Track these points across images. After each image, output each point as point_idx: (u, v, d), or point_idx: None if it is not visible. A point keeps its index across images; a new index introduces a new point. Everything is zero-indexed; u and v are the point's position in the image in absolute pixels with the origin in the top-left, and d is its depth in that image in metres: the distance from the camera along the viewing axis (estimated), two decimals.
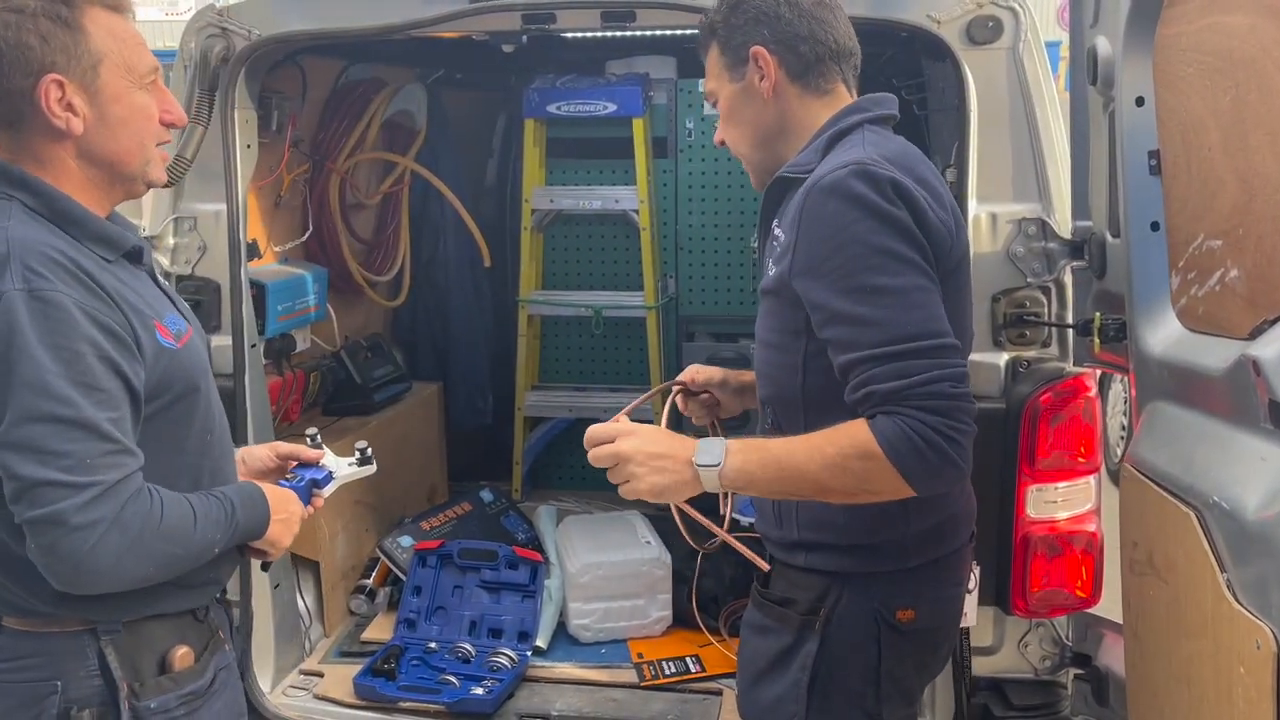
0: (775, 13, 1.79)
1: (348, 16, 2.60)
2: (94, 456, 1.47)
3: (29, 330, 1.45)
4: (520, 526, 3.65)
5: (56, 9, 1.55)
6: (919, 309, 1.59)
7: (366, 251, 3.84)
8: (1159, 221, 1.94)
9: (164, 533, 1.55)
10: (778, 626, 1.83)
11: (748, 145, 1.88)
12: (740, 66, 1.82)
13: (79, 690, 1.62)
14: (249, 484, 1.77)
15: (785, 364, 1.77)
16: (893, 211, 1.60)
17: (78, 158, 1.61)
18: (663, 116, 3.96)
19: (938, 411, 1.55)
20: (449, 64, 3.96)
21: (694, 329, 4.15)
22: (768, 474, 1.64)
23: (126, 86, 1.61)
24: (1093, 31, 2.07)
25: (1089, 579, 2.38)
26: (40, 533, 1.46)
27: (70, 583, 1.51)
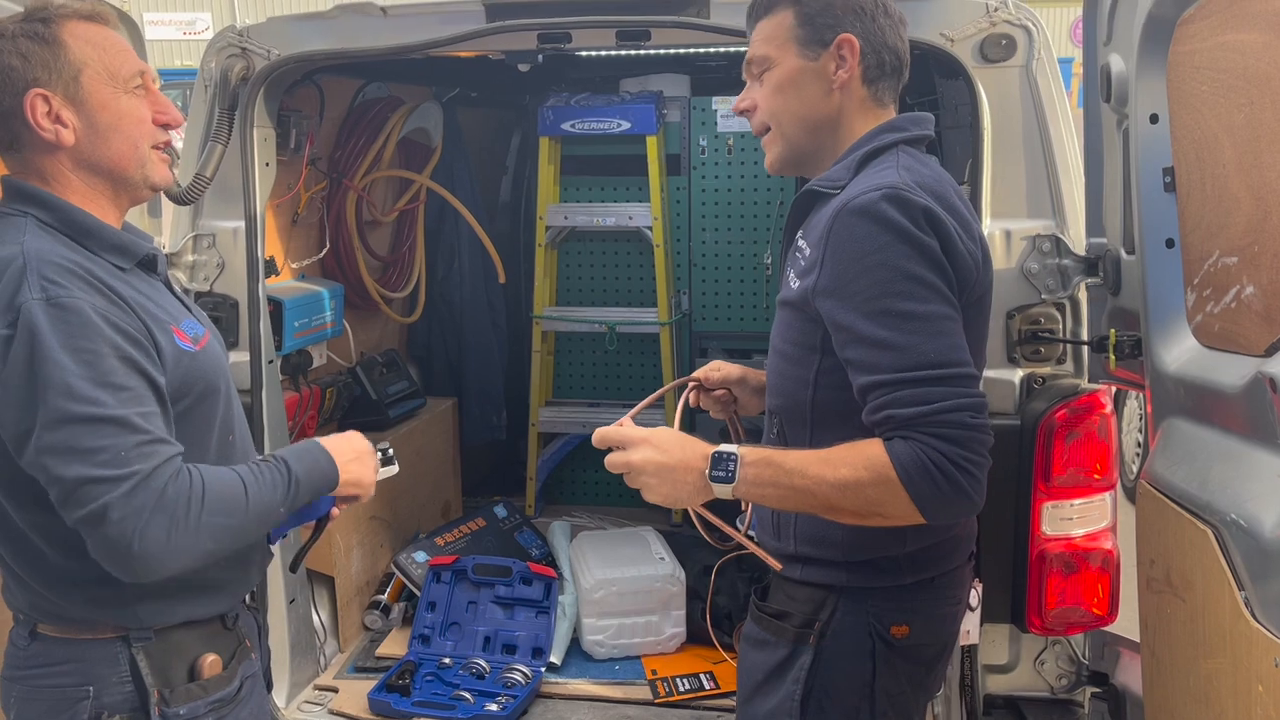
0: (871, 13, 1.76)
1: (365, 36, 2.63)
2: (127, 449, 1.49)
3: (50, 337, 1.48)
4: (534, 542, 3.66)
5: (34, 27, 1.60)
6: (943, 337, 1.58)
7: (382, 268, 3.86)
8: (1174, 238, 1.94)
9: (212, 507, 1.55)
10: (774, 639, 1.83)
11: (793, 124, 1.81)
12: (818, 47, 1.76)
13: (110, 696, 1.66)
14: (302, 441, 1.77)
15: (797, 377, 1.77)
16: (923, 238, 1.60)
17: (76, 169, 1.64)
18: (676, 134, 3.99)
19: (955, 441, 1.54)
20: (465, 82, 3.99)
21: (707, 345, 4.16)
22: (780, 490, 1.63)
23: (111, 93, 1.63)
24: (1106, 49, 2.08)
25: (1105, 596, 2.37)
26: (91, 531, 1.48)
27: (131, 572, 1.52)
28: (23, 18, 1.61)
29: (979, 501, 1.58)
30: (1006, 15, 2.36)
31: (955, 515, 1.62)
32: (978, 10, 2.37)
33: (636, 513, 4.08)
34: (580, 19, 2.54)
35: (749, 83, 1.86)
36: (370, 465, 1.83)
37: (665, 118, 3.91)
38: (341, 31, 2.64)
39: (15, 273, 1.51)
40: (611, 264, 4.15)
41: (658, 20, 2.50)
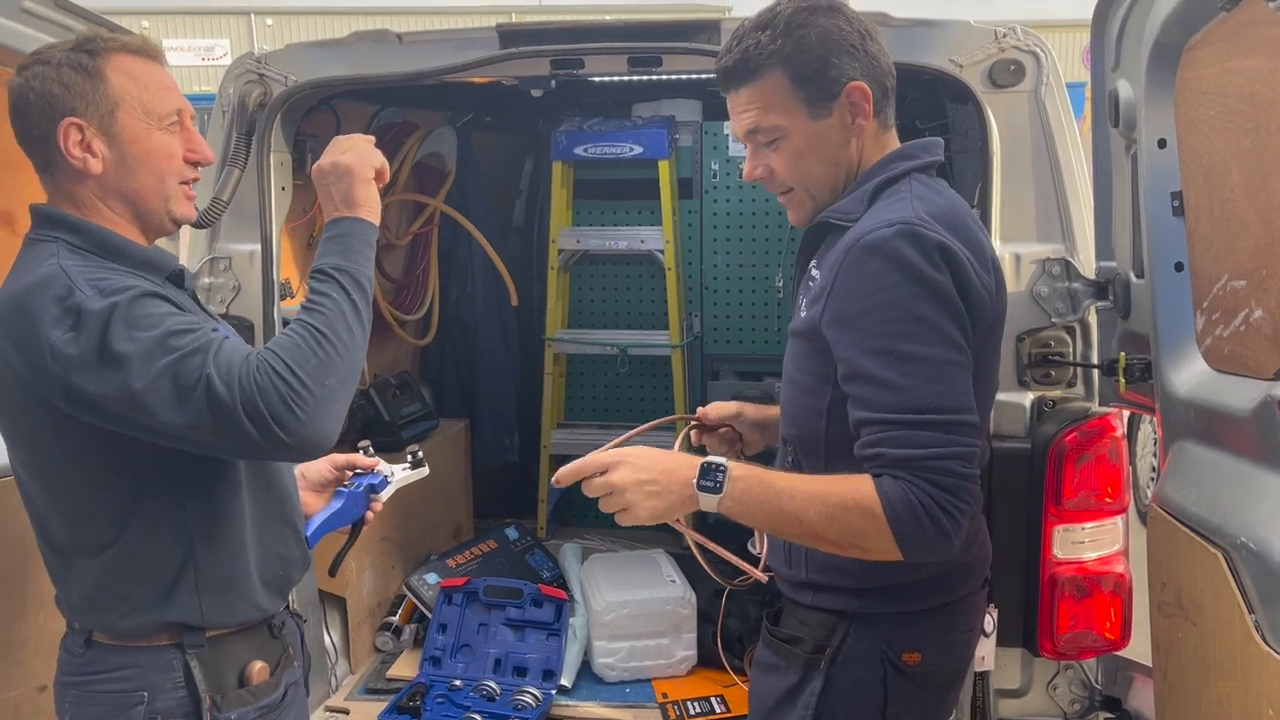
0: (862, 46, 1.70)
1: (382, 63, 2.67)
2: (205, 332, 1.54)
3: (113, 322, 1.51)
4: (545, 564, 3.66)
5: (79, 58, 1.65)
6: (943, 382, 1.58)
7: (396, 290, 3.89)
8: (1183, 262, 1.95)
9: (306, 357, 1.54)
10: (785, 664, 1.83)
11: (820, 185, 1.76)
12: (827, 102, 1.69)
13: (164, 702, 1.71)
14: (322, 233, 1.75)
15: (811, 406, 1.76)
16: (935, 278, 1.58)
17: (104, 196, 1.69)
18: (688, 158, 4.02)
19: (943, 487, 1.55)
20: (478, 107, 4.04)
21: (719, 368, 4.17)
22: (766, 510, 1.62)
23: (144, 128, 1.68)
24: (1114, 75, 2.10)
25: (1118, 620, 2.36)
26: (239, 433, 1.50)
27: (299, 446, 1.54)
28: (71, 46, 1.67)
29: (955, 550, 1.59)
30: (1015, 41, 2.38)
31: (933, 557, 1.61)
32: (986, 36, 2.40)
33: (647, 535, 4.07)
34: (593, 45, 2.58)
35: (753, 149, 1.78)
36: (358, 159, 1.77)
37: (677, 142, 3.94)
38: (358, 58, 2.68)
39: (62, 284, 1.55)
40: (624, 287, 4.18)
41: (669, 47, 2.54)
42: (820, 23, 1.68)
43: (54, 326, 1.53)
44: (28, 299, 1.56)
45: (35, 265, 1.61)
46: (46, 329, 1.53)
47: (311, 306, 1.63)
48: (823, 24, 1.68)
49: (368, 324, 1.66)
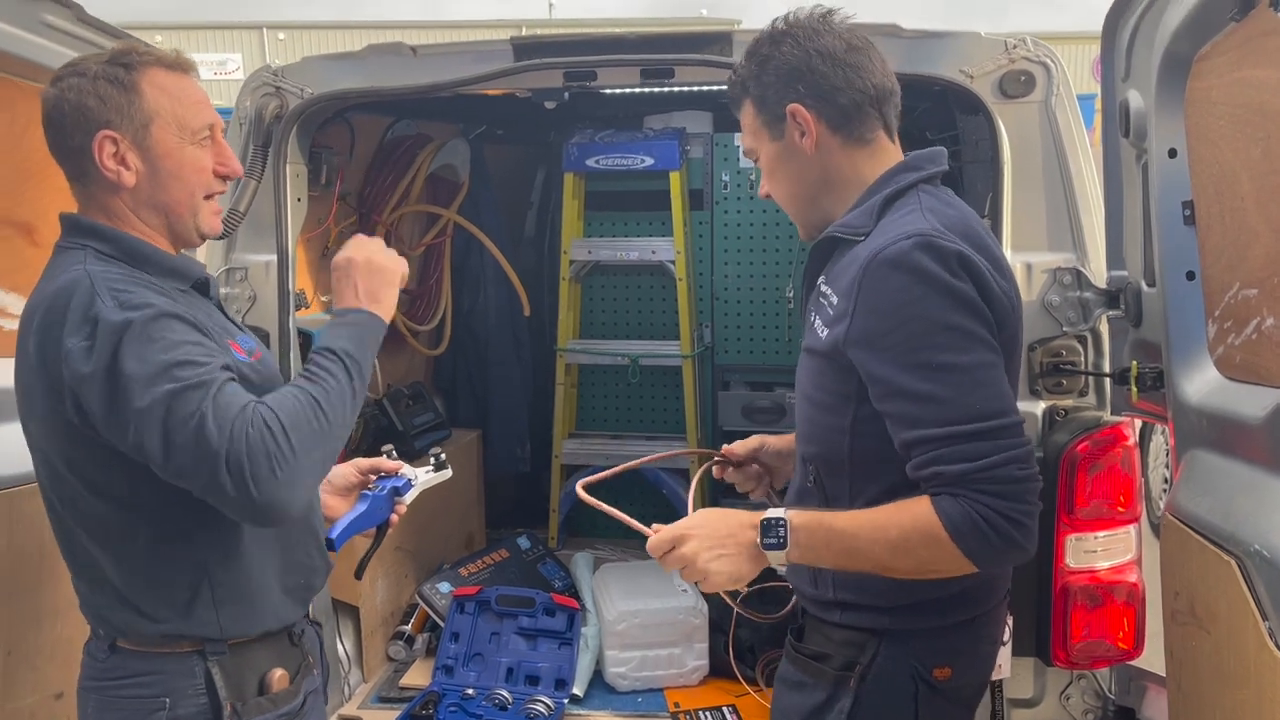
0: (808, 65, 1.73)
1: (396, 75, 2.69)
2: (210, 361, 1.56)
3: (128, 336, 1.53)
4: (557, 574, 3.67)
5: (115, 72, 1.67)
6: (984, 387, 1.57)
7: (409, 301, 3.92)
8: (1194, 271, 1.95)
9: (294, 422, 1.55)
10: (812, 682, 1.81)
11: (793, 203, 1.85)
12: (778, 124, 1.77)
13: (185, 708, 1.72)
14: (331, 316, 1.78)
15: (833, 425, 1.74)
16: (958, 286, 1.59)
17: (136, 207, 1.71)
18: (699, 169, 4.04)
19: (1004, 495, 1.54)
20: (491, 120, 4.07)
21: (729, 378, 4.18)
22: (832, 552, 1.64)
23: (177, 143, 1.70)
24: (1125, 85, 2.11)
25: (1131, 630, 2.36)
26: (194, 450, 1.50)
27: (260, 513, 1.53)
28: (107, 59, 1.69)
29: (1031, 549, 1.59)
30: (1025, 52, 2.40)
31: (1008, 564, 1.64)
32: (997, 47, 2.41)
33: None
34: (606, 57, 2.60)
35: None
36: (397, 280, 1.82)
37: (688, 153, 3.96)
38: (373, 71, 2.71)
39: (85, 291, 1.57)
40: (635, 297, 4.19)
41: (682, 58, 2.56)
42: (775, 51, 1.76)
43: (72, 333, 1.55)
44: (53, 303, 1.59)
45: (62, 271, 1.64)
46: (65, 334, 1.55)
47: (315, 379, 1.64)
48: (776, 51, 1.76)
49: (354, 416, 1.68)
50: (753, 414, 4.06)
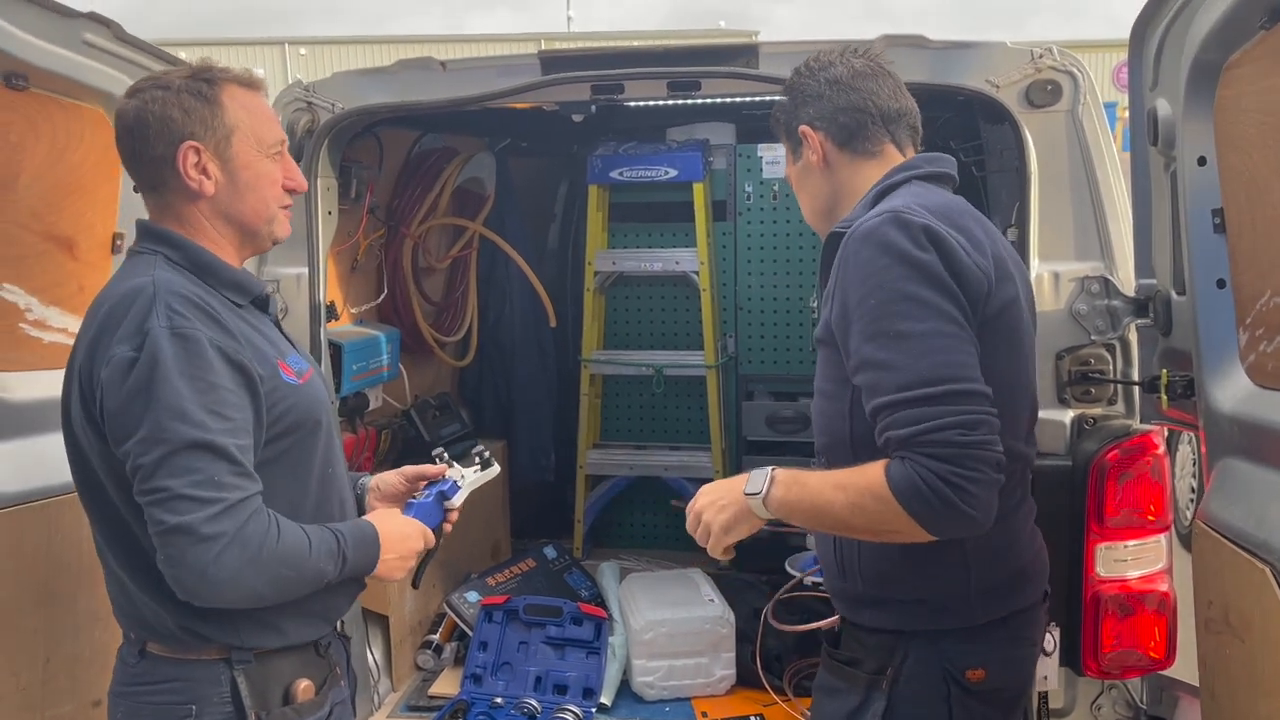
0: (816, 92, 1.91)
1: (425, 90, 2.72)
2: (221, 475, 1.60)
3: (170, 363, 1.60)
4: (584, 583, 3.68)
5: (199, 86, 1.75)
6: (937, 354, 1.61)
7: (436, 313, 3.95)
8: (1225, 278, 1.95)
9: (279, 554, 1.65)
10: (846, 687, 1.83)
11: (814, 215, 2.01)
12: (798, 147, 1.96)
13: (211, 716, 1.74)
14: (366, 524, 1.87)
15: (836, 411, 1.81)
16: (921, 256, 1.64)
17: (211, 216, 1.78)
18: (722, 180, 4.05)
19: (945, 459, 1.56)
20: (516, 133, 4.10)
21: (753, 388, 4.18)
22: (803, 507, 1.73)
23: (255, 155, 1.79)
24: (1153, 94, 2.11)
25: (1163, 639, 2.35)
26: (170, 542, 1.58)
27: (193, 591, 1.61)
28: (189, 74, 1.77)
29: (979, 517, 1.59)
30: (1052, 61, 2.41)
31: (958, 531, 1.62)
32: (1023, 57, 2.42)
33: (684, 555, 4.09)
34: (633, 70, 2.62)
35: None
36: (406, 568, 1.93)
37: (711, 165, 3.98)
38: (402, 85, 2.74)
39: (145, 301, 1.64)
40: (659, 308, 4.21)
41: (709, 71, 2.58)
42: (796, 82, 1.96)
43: (122, 340, 1.62)
44: (116, 304, 1.66)
45: (134, 275, 1.72)
46: (117, 339, 1.62)
47: (323, 541, 1.73)
48: (796, 82, 1.96)
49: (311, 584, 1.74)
50: (777, 424, 4.06)
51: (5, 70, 2.06)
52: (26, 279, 2.19)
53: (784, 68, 2.46)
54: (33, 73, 2.11)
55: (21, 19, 2.05)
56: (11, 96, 2.09)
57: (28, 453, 2.16)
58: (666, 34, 27.40)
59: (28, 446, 2.16)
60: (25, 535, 2.14)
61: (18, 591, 2.13)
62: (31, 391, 2.19)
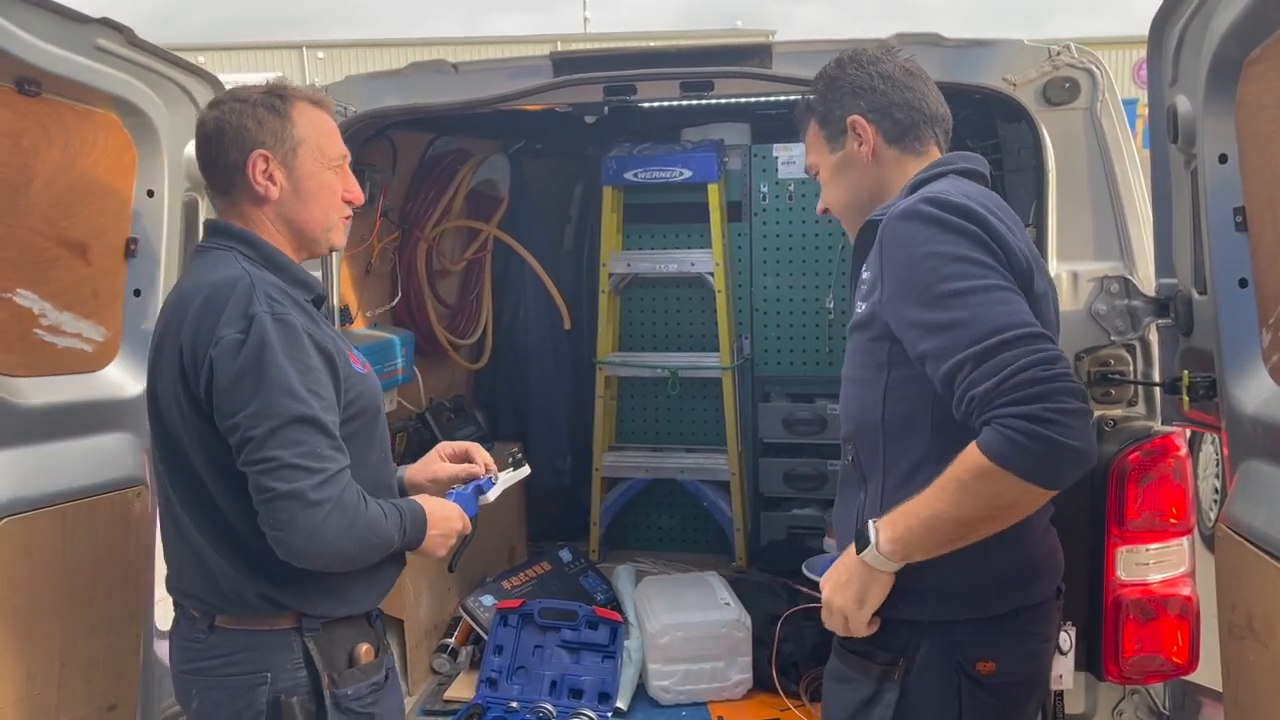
0: (869, 85, 1.91)
1: (438, 92, 2.72)
2: (322, 448, 1.77)
3: (276, 345, 1.76)
4: (599, 586, 3.67)
5: (272, 100, 1.93)
6: (998, 304, 1.62)
7: (451, 315, 3.95)
8: (1247, 278, 1.92)
9: (367, 520, 1.82)
10: (858, 676, 1.84)
11: (849, 208, 1.98)
12: (839, 137, 1.94)
13: (286, 681, 1.89)
14: (414, 502, 2.02)
15: (867, 398, 1.82)
16: (963, 224, 1.67)
17: (274, 220, 1.95)
18: (737, 181, 4.03)
19: (1033, 399, 1.54)
20: (530, 135, 4.09)
21: (769, 390, 4.16)
22: (916, 534, 1.69)
23: (318, 167, 1.95)
24: (1172, 90, 2.08)
25: (1185, 644, 2.31)
26: (281, 508, 1.74)
27: (300, 552, 1.77)
28: (264, 90, 1.95)
29: (1082, 446, 1.55)
30: (1069, 59, 2.38)
31: (1069, 468, 1.58)
32: (1040, 55, 2.39)
33: (700, 558, 4.07)
34: (645, 71, 2.61)
35: None
36: (449, 545, 2.07)
37: (726, 165, 3.96)
38: (415, 88, 2.74)
39: (245, 289, 1.80)
40: (674, 309, 4.20)
41: (721, 71, 2.56)
42: (841, 73, 1.94)
43: (229, 324, 1.77)
44: (214, 292, 1.81)
45: (221, 266, 1.86)
46: (222, 323, 1.77)
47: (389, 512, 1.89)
48: (841, 73, 1.94)
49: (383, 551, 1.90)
50: (793, 425, 4.04)
51: (18, 76, 2.06)
52: (40, 284, 2.19)
53: (797, 67, 2.44)
54: (45, 78, 2.11)
55: (34, 25, 2.06)
56: (24, 102, 2.10)
57: (42, 458, 2.16)
58: (683, 34, 27.38)
59: (42, 452, 2.17)
60: (39, 540, 2.14)
61: (32, 596, 2.13)
62: (45, 397, 2.20)
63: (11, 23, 2.00)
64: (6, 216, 2.10)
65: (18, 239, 2.14)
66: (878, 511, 1.79)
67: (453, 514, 2.07)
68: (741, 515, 4.00)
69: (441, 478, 2.22)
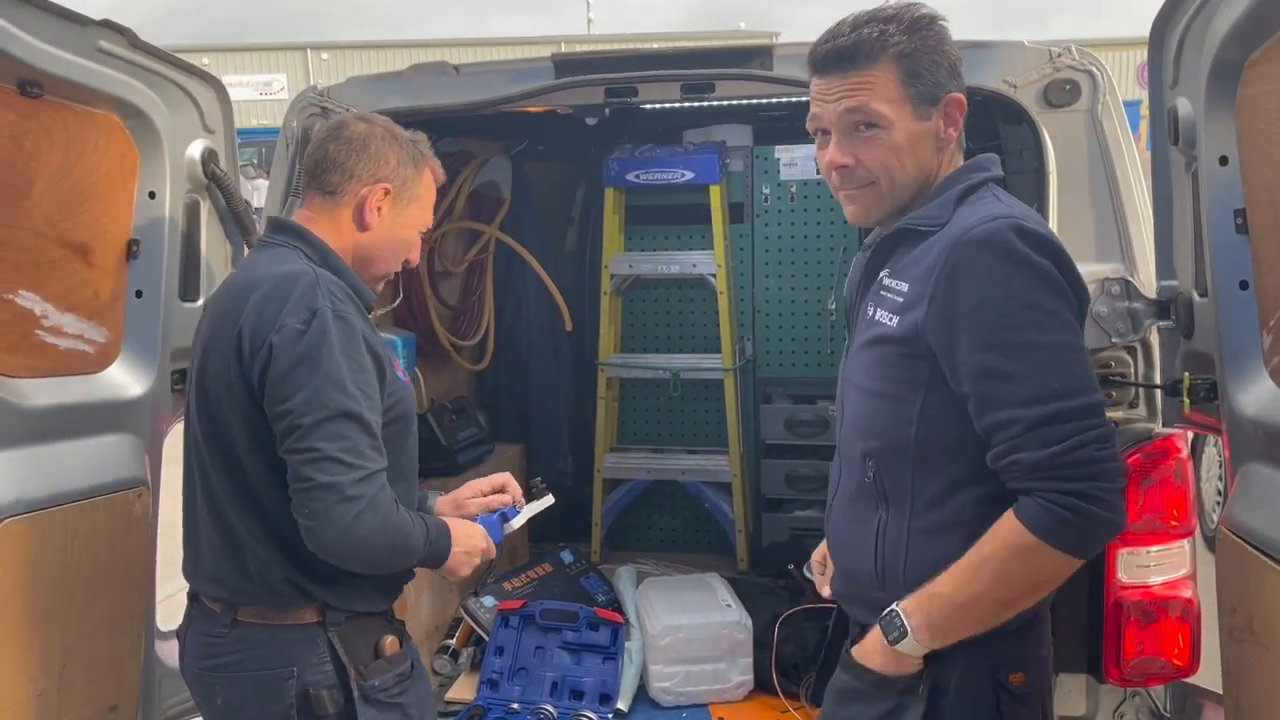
0: (956, 67, 1.76)
1: (440, 94, 2.72)
2: (363, 446, 1.80)
3: (335, 339, 1.81)
4: (600, 588, 3.67)
5: (416, 153, 2.06)
6: (1066, 367, 1.57)
7: (453, 317, 3.95)
8: (1248, 280, 1.92)
9: (397, 523, 1.85)
10: (872, 692, 1.74)
11: (905, 187, 1.75)
12: (926, 106, 1.72)
13: (312, 675, 1.91)
14: (440, 519, 2.06)
15: (898, 416, 1.72)
16: (1044, 265, 1.60)
17: (355, 244, 2.03)
18: (739, 183, 4.03)
19: (1082, 477, 1.53)
20: (532, 136, 4.10)
21: (771, 391, 4.16)
22: (955, 619, 1.65)
23: (414, 227, 2.09)
24: (1173, 92, 2.08)
25: (1186, 647, 2.31)
26: (317, 498, 1.77)
27: (329, 545, 1.80)
28: (411, 138, 2.07)
29: (1122, 523, 1.58)
30: (1070, 61, 2.38)
31: (1106, 541, 1.61)
32: (1041, 56, 2.39)
33: (702, 559, 4.07)
34: (646, 73, 2.61)
35: (840, 137, 1.75)
36: (472, 565, 2.10)
37: (728, 167, 3.96)
38: (417, 90, 2.74)
39: (310, 284, 1.86)
40: (675, 311, 4.20)
41: (722, 73, 2.56)
42: (931, 31, 1.73)
43: (291, 314, 1.82)
44: (279, 283, 1.86)
45: (286, 261, 1.92)
46: (285, 313, 1.82)
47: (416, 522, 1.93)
48: (932, 32, 1.73)
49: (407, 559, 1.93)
50: (795, 427, 4.04)
51: (20, 78, 2.07)
52: (42, 285, 2.20)
53: (799, 70, 2.44)
54: (48, 80, 2.12)
55: (36, 27, 2.06)
56: (26, 104, 2.10)
57: (44, 459, 2.17)
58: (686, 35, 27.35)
59: (44, 453, 2.18)
60: (41, 541, 2.15)
61: (33, 597, 2.14)
62: (47, 398, 2.20)
63: (14, 25, 2.00)
64: (9, 218, 2.11)
65: (20, 240, 2.14)
66: (904, 536, 1.73)
67: (476, 533, 2.11)
68: (743, 517, 3.99)
69: (471, 510, 2.25)
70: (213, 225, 2.65)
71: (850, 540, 1.87)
